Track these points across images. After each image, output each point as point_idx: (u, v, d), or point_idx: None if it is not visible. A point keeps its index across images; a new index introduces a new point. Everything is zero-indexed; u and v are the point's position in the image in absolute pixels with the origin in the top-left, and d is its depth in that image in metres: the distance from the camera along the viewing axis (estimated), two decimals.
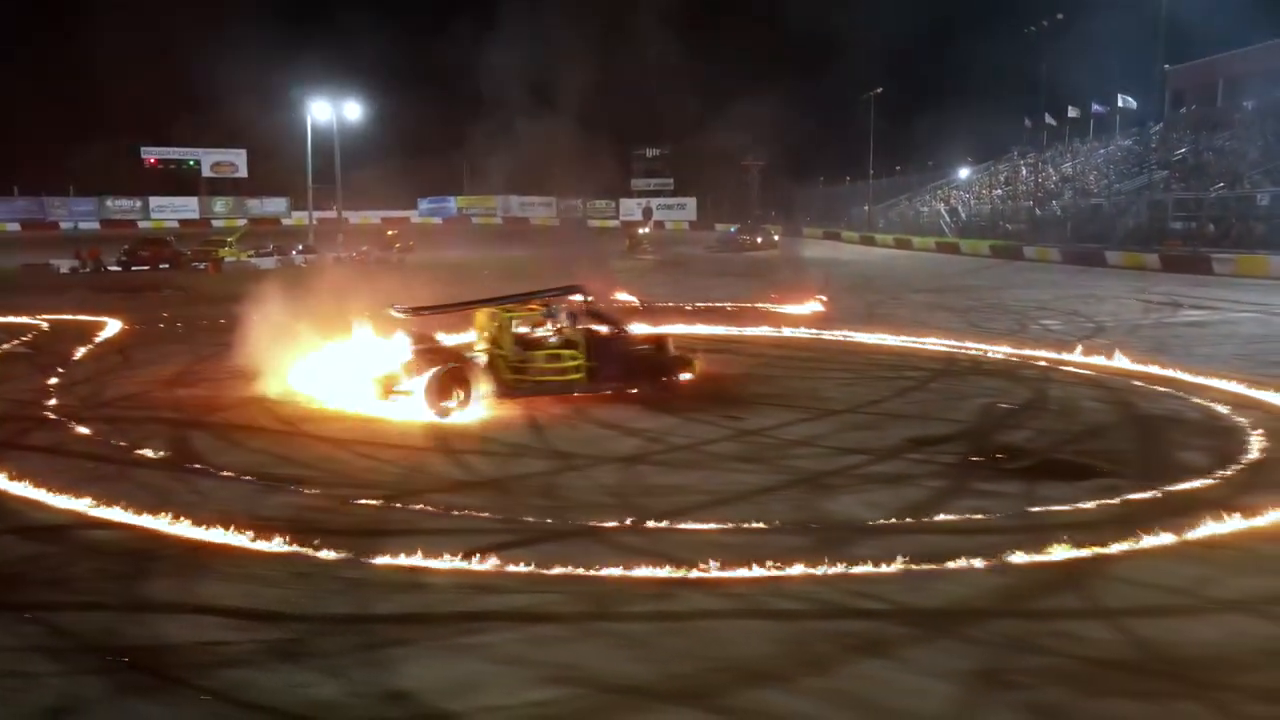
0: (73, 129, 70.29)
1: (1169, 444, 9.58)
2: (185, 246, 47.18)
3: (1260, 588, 5.71)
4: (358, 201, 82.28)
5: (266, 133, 68.39)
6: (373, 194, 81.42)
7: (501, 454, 9.01)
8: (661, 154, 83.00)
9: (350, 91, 58.23)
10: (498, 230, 76.30)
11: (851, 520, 7.02)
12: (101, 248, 45.22)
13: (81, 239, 55.10)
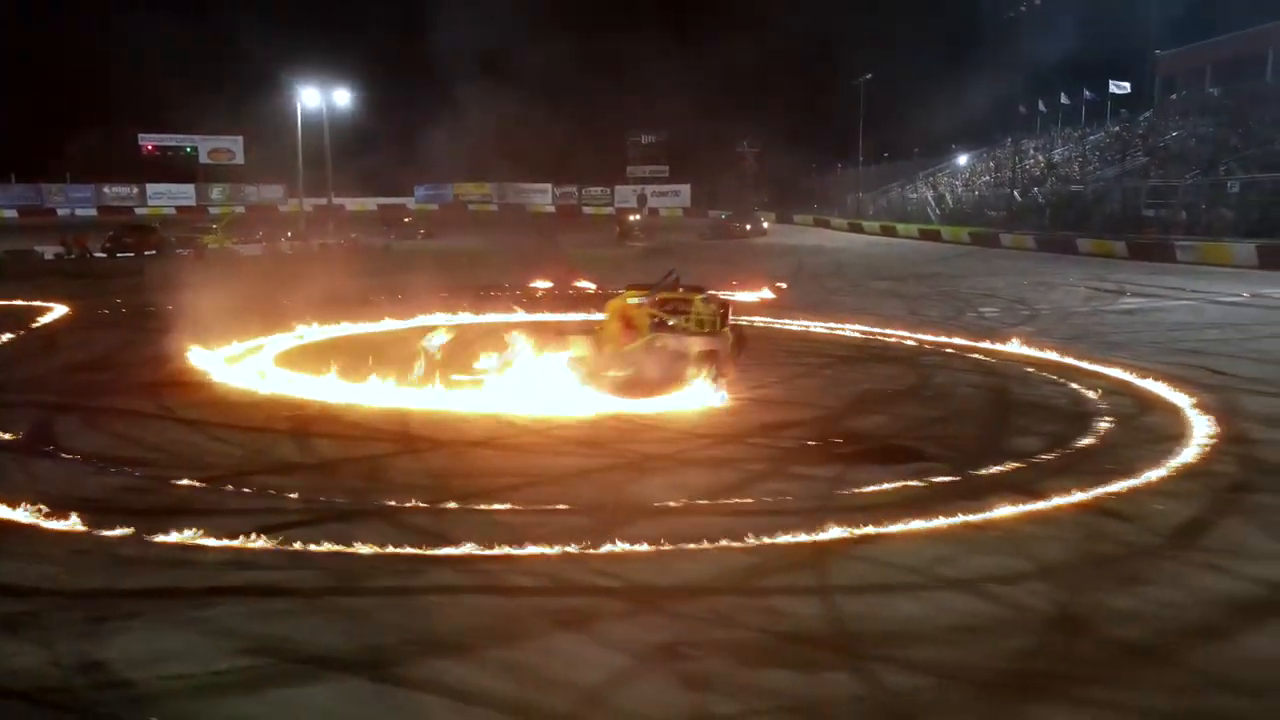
0: (70, 116, 71.03)
1: (1015, 429, 9.75)
2: (172, 233, 47.74)
3: (991, 567, 5.90)
4: (356, 188, 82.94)
5: (264, 119, 68.83)
6: (370, 181, 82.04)
7: (354, 437, 9.26)
8: (657, 140, 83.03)
9: (346, 78, 58.59)
10: (492, 217, 76.73)
11: (645, 501, 7.23)
12: (88, 235, 45.77)
13: (76, 226, 55.77)
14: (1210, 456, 8.59)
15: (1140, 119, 54.37)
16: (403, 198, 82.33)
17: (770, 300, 22.76)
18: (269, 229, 55.49)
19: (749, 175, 76.62)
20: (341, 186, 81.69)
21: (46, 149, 71.35)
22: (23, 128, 68.84)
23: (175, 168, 78.69)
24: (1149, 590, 5.60)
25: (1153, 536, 6.54)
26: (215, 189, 78.61)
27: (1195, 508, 7.14)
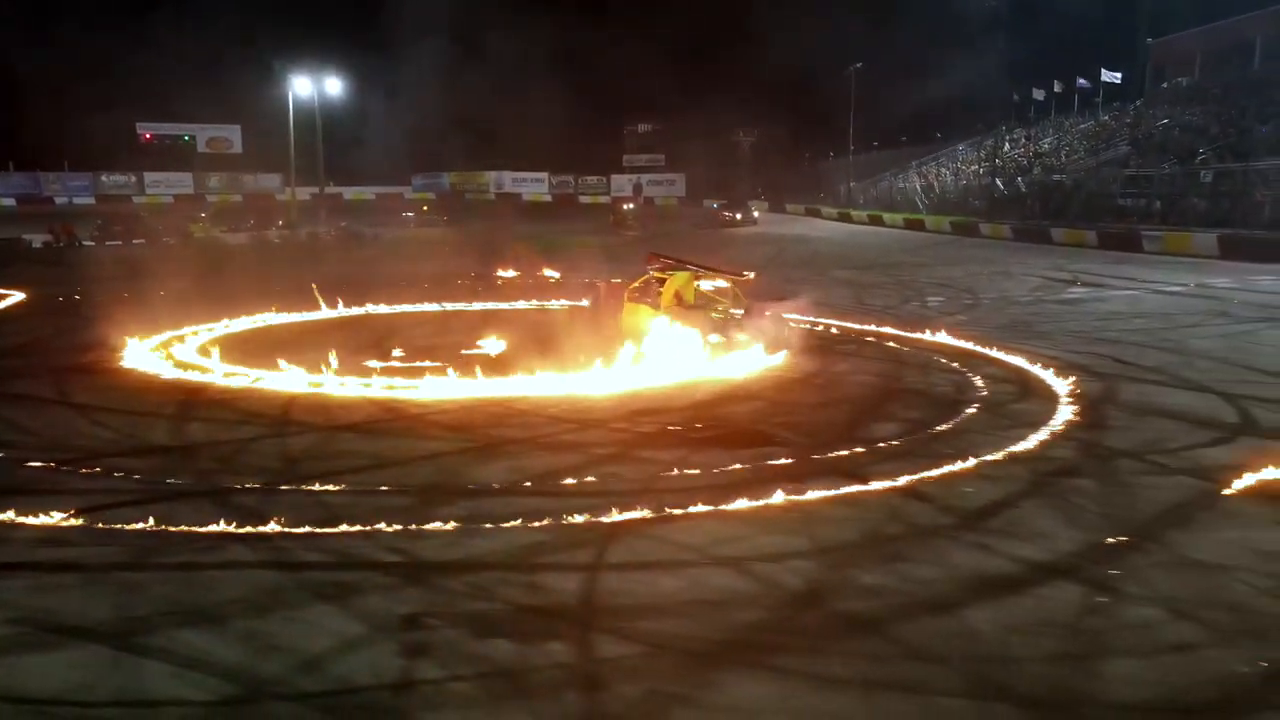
0: (69, 105, 71.48)
1: (883, 415, 9.95)
2: (160, 222, 48.25)
3: (769, 546, 6.12)
4: (353, 178, 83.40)
5: (262, 109, 69.25)
6: (367, 171, 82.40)
7: (232, 421, 9.54)
8: (653, 130, 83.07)
9: (343, 67, 58.96)
10: (489, 206, 76.94)
11: (476, 484, 7.48)
12: (76, 224, 46.27)
13: (74, 214, 56.34)
14: (1052, 442, 8.78)
15: (1130, 108, 54.13)
16: (399, 187, 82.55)
17: None
18: (261, 218, 56.02)
19: (744, 164, 76.58)
20: (341, 176, 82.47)
21: (45, 138, 71.83)
22: (21, 117, 69.32)
23: (173, 156, 79.13)
24: (905, 567, 5.82)
25: (945, 518, 6.74)
26: (213, 178, 79.01)
27: (1005, 491, 7.33)
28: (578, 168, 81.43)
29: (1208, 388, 11.08)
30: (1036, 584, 5.62)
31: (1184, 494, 7.31)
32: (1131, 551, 6.15)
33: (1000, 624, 5.08)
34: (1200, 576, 5.75)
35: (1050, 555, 6.04)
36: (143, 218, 49.10)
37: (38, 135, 71.18)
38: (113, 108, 73.56)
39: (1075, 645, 4.85)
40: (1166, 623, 5.13)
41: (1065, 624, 5.08)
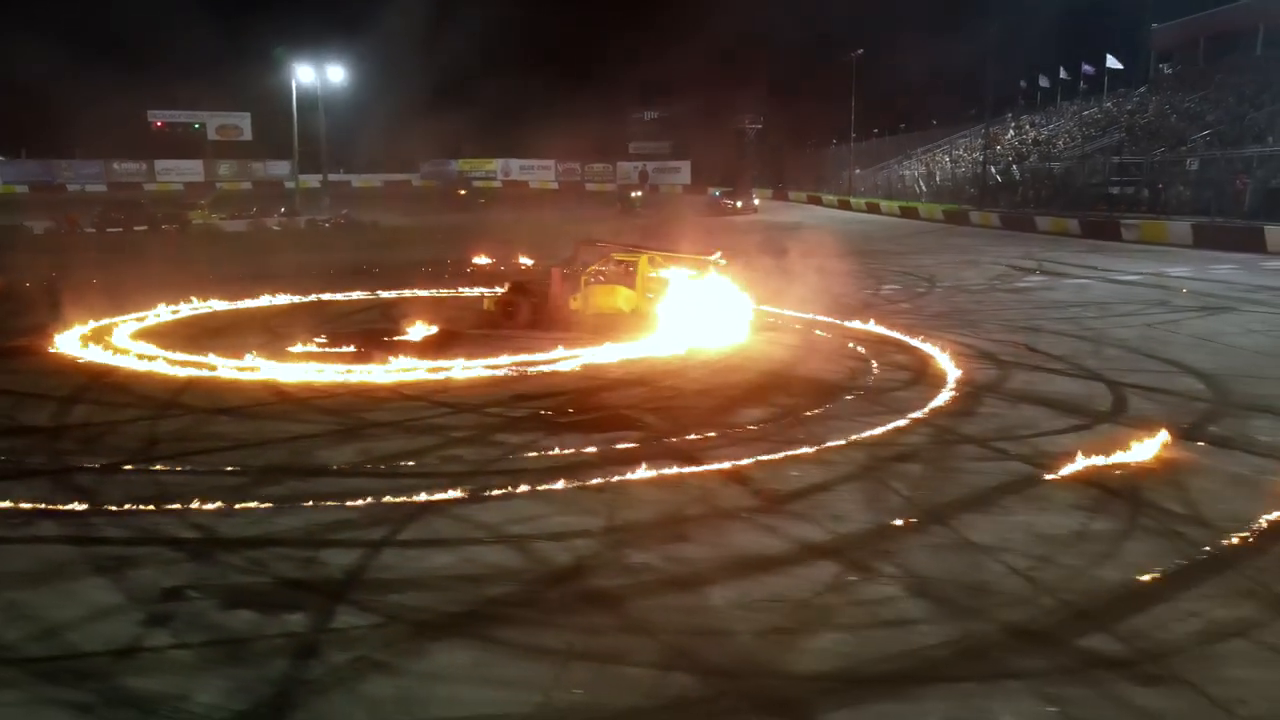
0: (82, 93, 72.41)
1: (759, 401, 10.09)
2: (160, 209, 48.94)
3: (562, 525, 6.34)
4: (362, 165, 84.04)
5: (272, 97, 69.95)
6: (374, 159, 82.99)
7: (121, 404, 9.86)
8: (659, 117, 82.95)
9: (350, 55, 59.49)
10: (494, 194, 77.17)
11: (316, 466, 7.73)
12: (79, 212, 47.08)
13: (85, 201, 57.27)
14: (908, 428, 8.92)
15: (1135, 94, 53.48)
16: (407, 174, 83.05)
17: None
18: (264, 205, 56.61)
19: (749, 152, 76.30)
20: (350, 163, 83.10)
21: (57, 126, 72.85)
22: (34, 104, 70.28)
23: (183, 144, 79.88)
24: (680, 547, 6.01)
25: (751, 500, 6.92)
26: (223, 165, 79.79)
27: (828, 475, 7.50)
28: (584, 155, 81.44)
29: (1100, 376, 11.16)
30: (797, 564, 5.80)
31: (1004, 479, 7.44)
32: (912, 533, 6.31)
33: (735, 601, 5.26)
34: (962, 557, 5.90)
35: (828, 537, 6.20)
36: (144, 205, 49.77)
37: (51, 123, 72.27)
38: (124, 96, 74.56)
39: (794, 620, 5.03)
40: (898, 599, 5.30)
41: (798, 600, 5.26)
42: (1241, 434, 8.66)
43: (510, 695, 4.27)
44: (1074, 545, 6.09)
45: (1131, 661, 4.64)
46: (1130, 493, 7.08)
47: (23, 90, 68.52)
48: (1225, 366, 11.50)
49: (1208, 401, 9.89)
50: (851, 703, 4.25)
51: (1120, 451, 7.99)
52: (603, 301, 14.73)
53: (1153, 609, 5.21)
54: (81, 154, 75.46)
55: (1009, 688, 4.40)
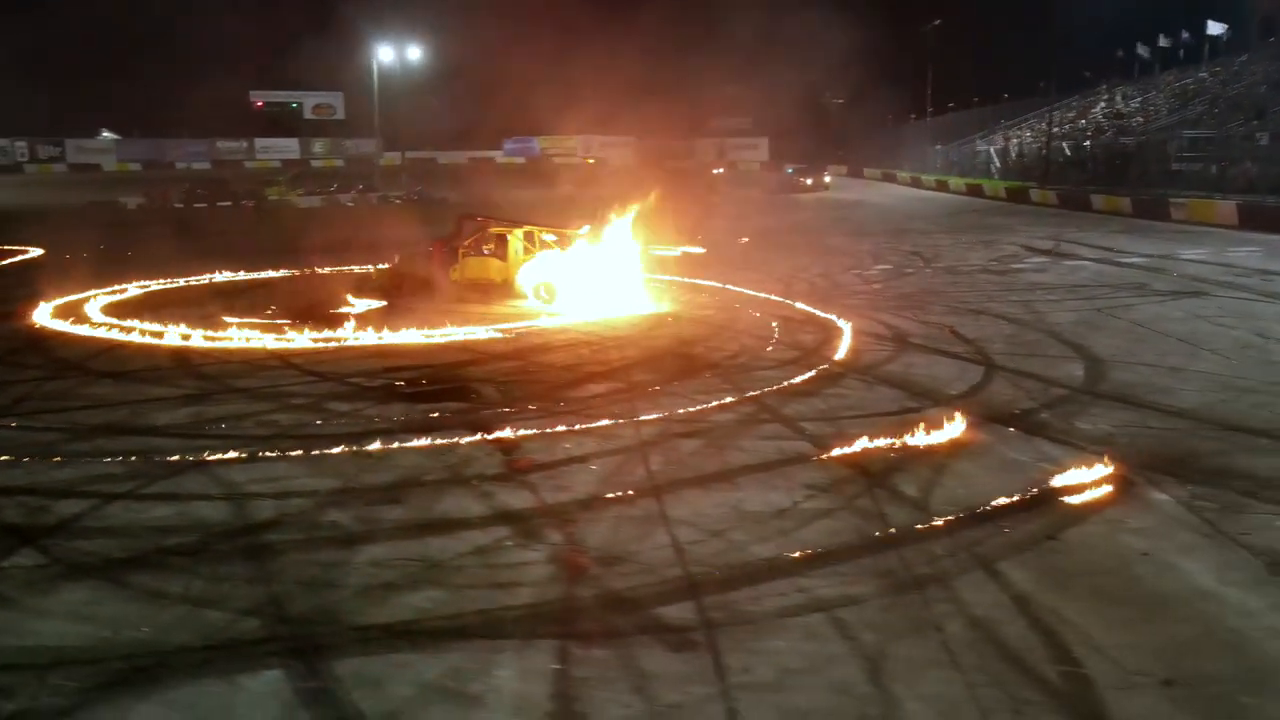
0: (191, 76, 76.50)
1: (615, 377, 10.34)
2: (242, 186, 51.63)
3: (296, 485, 6.84)
4: (448, 142, 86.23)
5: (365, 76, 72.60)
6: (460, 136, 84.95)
7: (29, 365, 10.82)
8: (740, 93, 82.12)
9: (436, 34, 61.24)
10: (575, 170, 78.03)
11: (134, 426, 8.42)
12: (170, 188, 50.06)
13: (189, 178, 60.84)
14: (730, 406, 9.07)
15: (1235, 64, 50.26)
16: (492, 151, 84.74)
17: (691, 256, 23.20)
18: (345, 182, 58.88)
19: (829, 128, 75.00)
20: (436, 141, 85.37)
21: (168, 107, 77.15)
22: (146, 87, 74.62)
23: (282, 123, 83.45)
24: (383, 510, 6.43)
25: (499, 469, 7.25)
26: (317, 143, 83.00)
27: (600, 449, 7.78)
28: (663, 131, 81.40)
29: (989, 360, 11.01)
30: (473, 529, 6.14)
31: (770, 458, 7.56)
32: (616, 506, 6.56)
33: (377, 559, 5.65)
34: (639, 529, 6.12)
35: (529, 505, 6.51)
36: (227, 181, 52.46)
37: (162, 106, 76.63)
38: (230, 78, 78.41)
39: (409, 578, 5.39)
40: (530, 565, 5.58)
41: (434, 561, 5.61)
42: (1066, 422, 8.49)
43: (87, 630, 4.78)
44: (760, 523, 6.22)
45: (683, 629, 4.83)
46: (882, 475, 7.12)
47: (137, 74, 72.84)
48: (1128, 353, 11.15)
49: (1067, 388, 9.67)
50: (378, 651, 4.59)
51: (919, 434, 7.97)
52: (476, 272, 15.70)
53: (767, 584, 5.36)
54: (188, 133, 79.66)
55: (538, 647, 4.65)
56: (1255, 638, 4.77)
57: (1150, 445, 7.78)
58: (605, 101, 76.88)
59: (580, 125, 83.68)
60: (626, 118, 78.97)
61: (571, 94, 77.33)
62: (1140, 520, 6.26)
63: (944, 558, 5.72)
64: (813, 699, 4.24)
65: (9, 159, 73.67)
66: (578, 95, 78.65)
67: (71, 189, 53.89)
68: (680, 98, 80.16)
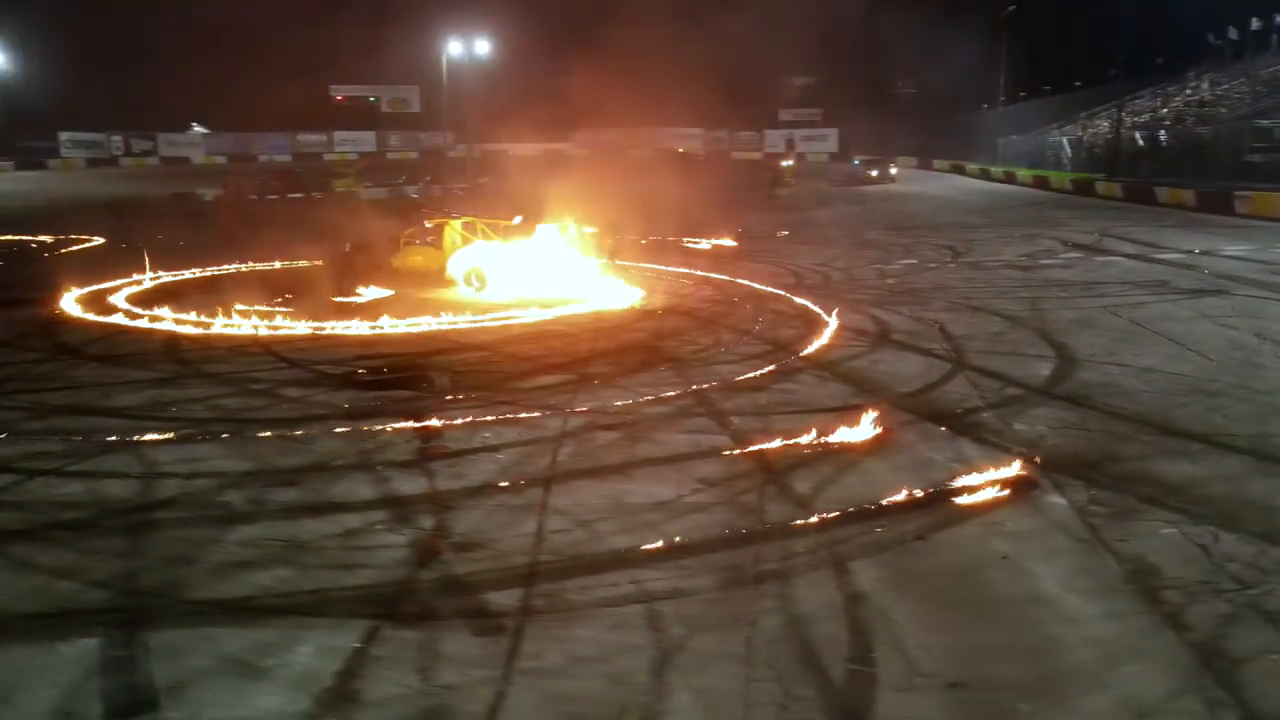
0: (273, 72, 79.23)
1: (571, 369, 10.47)
2: (313, 178, 53.28)
3: (203, 465, 7.16)
4: (521, 135, 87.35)
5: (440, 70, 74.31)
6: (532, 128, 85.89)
7: (23, 348, 11.49)
8: (811, 83, 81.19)
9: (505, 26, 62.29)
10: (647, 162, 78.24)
11: (96, 408, 8.91)
12: (244, 180, 51.98)
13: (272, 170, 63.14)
14: (669, 400, 9.12)
15: None
16: (561, 143, 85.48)
17: (721, 249, 23.25)
18: (413, 174, 60.24)
19: (900, 118, 73.55)
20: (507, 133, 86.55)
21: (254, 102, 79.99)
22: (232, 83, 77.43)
23: (360, 116, 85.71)
24: (278, 491, 6.71)
25: (408, 455, 7.47)
26: (393, 136, 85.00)
27: (517, 439, 7.93)
28: (732, 123, 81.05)
29: (961, 358, 10.80)
30: (354, 511, 6.37)
31: (681, 451, 7.62)
32: (502, 494, 6.70)
33: (249, 539, 5.92)
34: (510, 518, 6.27)
35: (418, 492, 6.71)
36: (298, 174, 54.16)
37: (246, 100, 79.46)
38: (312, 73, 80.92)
39: (268, 556, 5.64)
40: (388, 548, 5.77)
41: (299, 542, 5.84)
42: (1003, 422, 8.32)
43: None
44: (632, 515, 6.31)
45: (500, 615, 4.97)
46: (783, 471, 7.12)
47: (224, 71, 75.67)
48: (1107, 353, 10.82)
49: (1024, 388, 9.44)
50: (197, 624, 4.84)
51: (845, 431, 7.92)
52: (414, 261, 16.41)
53: (605, 574, 5.45)
54: (271, 127, 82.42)
55: (351, 626, 4.84)
56: (1068, 645, 4.66)
57: (1077, 447, 7.57)
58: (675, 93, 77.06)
59: (649, 117, 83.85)
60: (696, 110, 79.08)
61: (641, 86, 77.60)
62: (1021, 524, 6.14)
63: (800, 555, 5.71)
64: (584, 686, 4.33)
65: (106, 152, 77.31)
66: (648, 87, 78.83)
67: (159, 181, 56.28)
68: (751, 90, 79.82)
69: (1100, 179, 39.19)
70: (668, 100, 78.98)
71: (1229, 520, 6.05)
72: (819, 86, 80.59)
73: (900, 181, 55.03)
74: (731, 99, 77.61)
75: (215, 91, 77.75)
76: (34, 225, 27.88)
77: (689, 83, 75.25)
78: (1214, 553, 5.61)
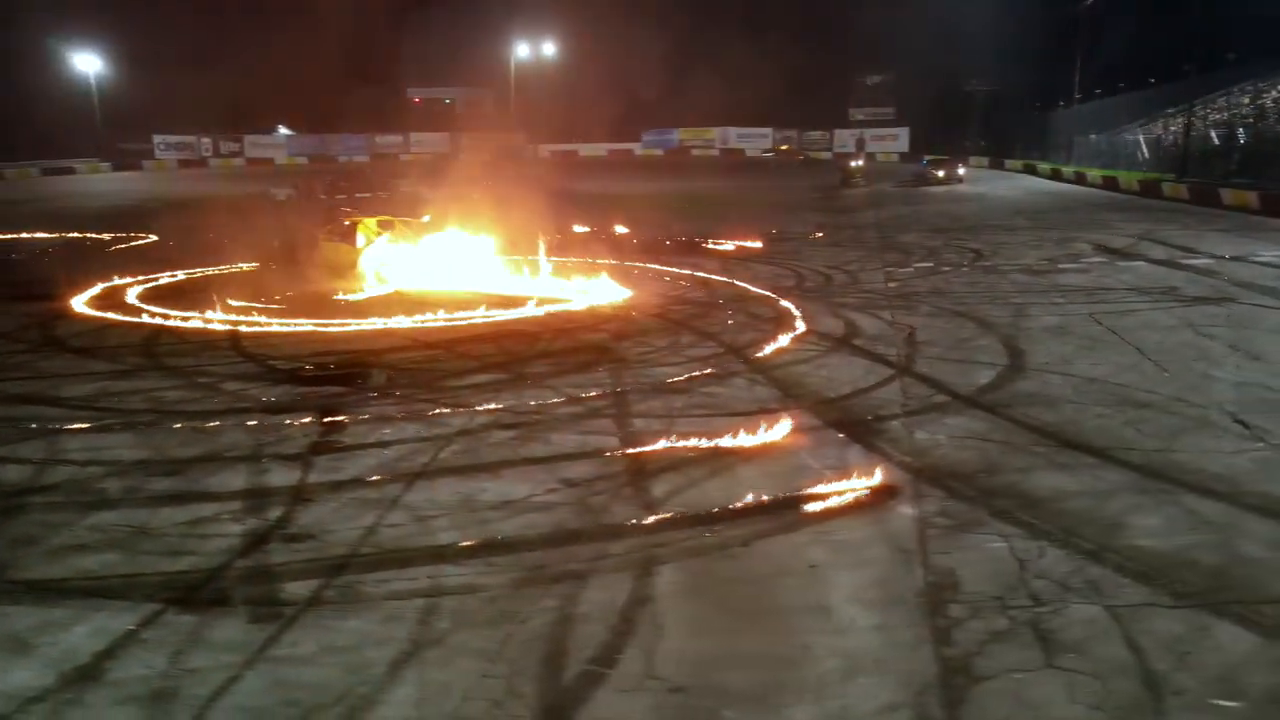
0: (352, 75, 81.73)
1: (508, 368, 10.64)
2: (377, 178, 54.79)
3: (111, 455, 7.56)
4: (588, 135, 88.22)
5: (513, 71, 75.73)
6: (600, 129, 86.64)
7: (20, 340, 12.21)
8: (884, 81, 79.84)
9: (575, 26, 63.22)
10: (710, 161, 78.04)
11: (42, 397, 9.45)
12: (315, 180, 53.75)
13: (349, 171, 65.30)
14: (581, 400, 9.22)
15: None
16: (630, 144, 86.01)
17: (744, 250, 23.19)
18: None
19: (970, 117, 71.78)
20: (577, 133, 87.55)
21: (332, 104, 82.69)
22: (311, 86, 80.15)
23: (436, 118, 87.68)
24: (156, 480, 7.03)
25: (300, 449, 7.75)
26: (465, 137, 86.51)
27: (412, 435, 8.13)
28: (801, 122, 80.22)
29: (908, 364, 10.66)
30: (213, 501, 6.66)
31: (564, 451, 7.72)
32: (360, 489, 6.91)
33: (100, 523, 6.24)
34: (352, 512, 6.46)
35: (287, 484, 6.97)
36: (365, 174, 55.72)
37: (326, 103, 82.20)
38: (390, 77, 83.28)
39: (103, 540, 5.95)
40: (225, 536, 6.03)
41: (136, 526, 6.14)
42: (907, 430, 8.19)
43: None
44: (474, 512, 6.44)
45: (287, 604, 5.16)
46: (652, 474, 7.16)
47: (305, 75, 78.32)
48: (1061, 361, 10.51)
49: (951, 396, 9.24)
50: (4, 603, 5.16)
51: (741, 436, 7.92)
52: (330, 256, 17.26)
53: (411, 569, 5.60)
54: (350, 129, 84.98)
55: (138, 609, 5.09)
56: (818, 656, 4.63)
57: (963, 458, 7.41)
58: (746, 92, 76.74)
59: (718, 117, 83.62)
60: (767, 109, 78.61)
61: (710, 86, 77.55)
62: (852, 534, 6.06)
63: (613, 557, 5.76)
64: (319, 674, 4.48)
65: (195, 154, 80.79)
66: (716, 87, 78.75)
67: (241, 181, 58.61)
68: (823, 88, 78.90)
69: (1169, 180, 37.63)
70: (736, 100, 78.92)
71: (1067, 536, 5.86)
72: (891, 84, 79.21)
73: (968, 182, 53.60)
74: (801, 97, 77.06)
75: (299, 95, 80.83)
76: (103, 222, 29.36)
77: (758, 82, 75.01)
78: (1030, 569, 5.46)
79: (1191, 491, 6.54)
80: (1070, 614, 4.92)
